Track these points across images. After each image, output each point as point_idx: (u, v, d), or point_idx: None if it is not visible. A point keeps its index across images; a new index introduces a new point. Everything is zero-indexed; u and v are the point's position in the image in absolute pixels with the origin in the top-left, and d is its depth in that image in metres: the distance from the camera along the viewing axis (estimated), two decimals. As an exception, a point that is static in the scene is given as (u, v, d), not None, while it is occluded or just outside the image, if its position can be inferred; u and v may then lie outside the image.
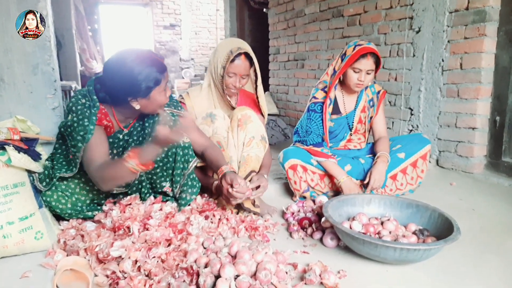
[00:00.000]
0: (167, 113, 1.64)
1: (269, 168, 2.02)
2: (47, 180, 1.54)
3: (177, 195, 1.73)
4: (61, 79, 2.97)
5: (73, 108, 1.52)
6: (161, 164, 1.68)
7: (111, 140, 1.65)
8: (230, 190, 1.58)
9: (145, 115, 1.68)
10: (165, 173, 1.71)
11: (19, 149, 1.49)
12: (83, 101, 1.54)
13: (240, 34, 6.32)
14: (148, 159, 1.45)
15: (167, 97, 1.60)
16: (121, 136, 1.68)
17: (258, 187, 1.76)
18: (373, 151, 2.25)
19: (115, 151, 1.68)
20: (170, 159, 1.69)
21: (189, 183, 1.72)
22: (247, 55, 1.90)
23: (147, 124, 1.69)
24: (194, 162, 1.73)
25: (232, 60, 1.86)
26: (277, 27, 4.86)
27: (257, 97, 2.09)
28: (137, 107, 1.54)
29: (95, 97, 1.56)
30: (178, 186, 1.71)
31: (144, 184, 1.70)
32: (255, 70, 2.02)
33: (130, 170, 1.43)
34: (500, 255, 1.53)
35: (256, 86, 2.07)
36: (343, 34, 3.66)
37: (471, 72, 2.52)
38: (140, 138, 1.70)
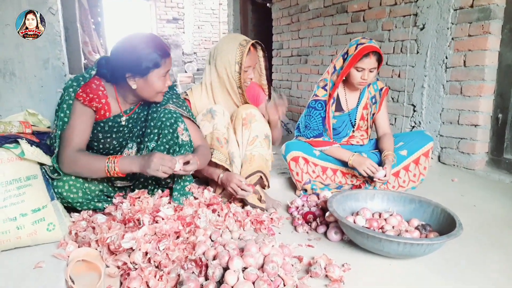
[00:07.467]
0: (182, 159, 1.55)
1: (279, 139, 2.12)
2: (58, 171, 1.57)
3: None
4: (67, 73, 2.99)
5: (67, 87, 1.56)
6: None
7: (110, 123, 1.65)
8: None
9: (149, 104, 1.69)
10: None
11: (31, 143, 1.52)
12: (78, 79, 1.57)
13: (243, 28, 6.30)
14: (128, 171, 1.51)
15: (166, 86, 1.61)
16: (122, 122, 1.68)
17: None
18: (377, 147, 2.28)
19: (114, 135, 1.69)
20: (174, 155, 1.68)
21: (187, 178, 1.75)
22: (253, 45, 1.92)
23: (150, 118, 1.68)
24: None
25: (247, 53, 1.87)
26: (281, 22, 4.86)
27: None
28: (134, 86, 1.55)
29: (92, 71, 1.57)
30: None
31: (150, 181, 1.75)
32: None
33: (105, 169, 1.48)
34: (501, 249, 1.56)
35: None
36: (347, 30, 3.66)
37: (474, 70, 2.54)
38: (144, 129, 1.70)
